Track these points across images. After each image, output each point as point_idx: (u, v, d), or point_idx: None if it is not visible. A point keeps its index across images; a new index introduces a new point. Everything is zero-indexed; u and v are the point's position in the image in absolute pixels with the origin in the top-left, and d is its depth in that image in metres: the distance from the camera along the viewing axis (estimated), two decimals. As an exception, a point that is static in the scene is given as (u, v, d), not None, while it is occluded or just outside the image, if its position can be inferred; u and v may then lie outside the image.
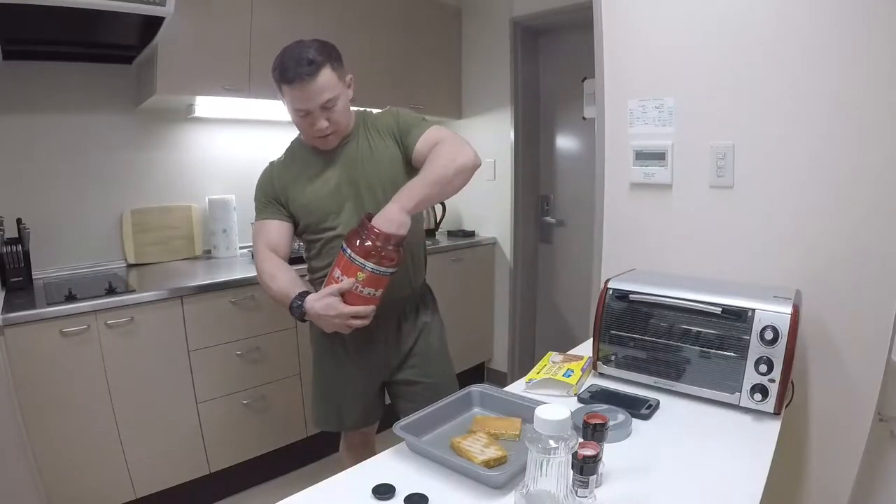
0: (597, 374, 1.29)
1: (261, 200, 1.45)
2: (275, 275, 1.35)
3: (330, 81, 1.28)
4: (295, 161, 1.45)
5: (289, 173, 1.43)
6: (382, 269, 1.22)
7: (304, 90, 1.26)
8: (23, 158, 2.07)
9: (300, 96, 1.27)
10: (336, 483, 0.89)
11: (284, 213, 1.42)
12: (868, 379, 1.26)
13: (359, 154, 1.40)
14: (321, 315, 1.25)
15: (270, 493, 2.14)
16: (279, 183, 1.43)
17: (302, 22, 2.36)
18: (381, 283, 1.24)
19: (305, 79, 1.24)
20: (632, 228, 1.64)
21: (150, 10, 1.72)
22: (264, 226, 1.43)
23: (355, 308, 1.24)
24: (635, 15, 1.55)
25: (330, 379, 1.51)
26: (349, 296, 1.23)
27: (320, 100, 1.28)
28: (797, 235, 1.33)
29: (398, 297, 1.42)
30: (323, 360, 1.52)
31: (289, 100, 1.30)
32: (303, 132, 1.39)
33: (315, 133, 1.34)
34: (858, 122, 1.22)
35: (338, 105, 1.32)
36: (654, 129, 1.54)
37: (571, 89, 2.99)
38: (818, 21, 1.25)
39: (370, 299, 1.25)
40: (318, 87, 1.26)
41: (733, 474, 0.88)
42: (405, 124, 1.42)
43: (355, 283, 1.21)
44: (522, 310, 3.26)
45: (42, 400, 1.67)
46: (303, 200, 1.40)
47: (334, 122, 1.33)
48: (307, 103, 1.28)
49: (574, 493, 0.69)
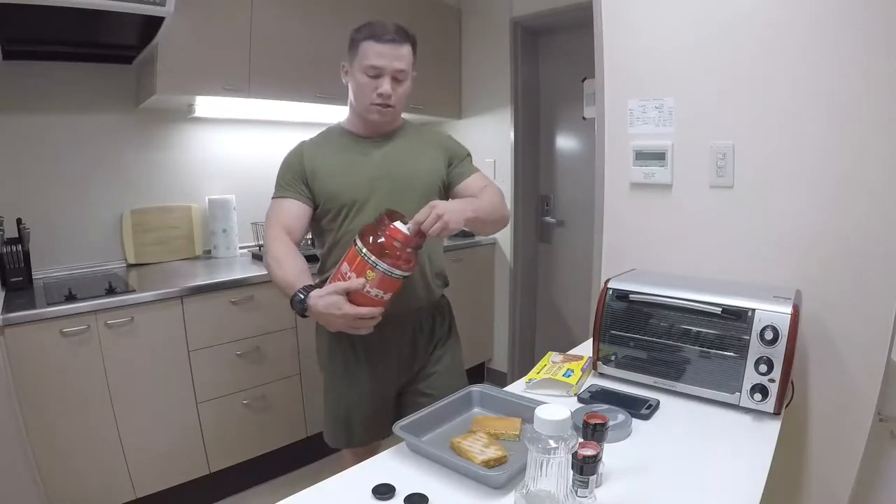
0: (597, 374, 1.29)
1: (284, 177, 1.37)
2: (281, 260, 1.27)
3: (409, 57, 1.33)
4: (330, 143, 1.40)
5: (321, 154, 1.38)
6: (397, 271, 1.14)
7: (390, 48, 1.28)
8: (23, 158, 2.07)
9: (385, 52, 1.28)
10: (336, 483, 0.89)
11: (307, 194, 1.35)
12: (868, 379, 1.26)
13: (404, 151, 1.39)
14: (324, 313, 1.16)
15: (270, 493, 2.14)
16: (309, 162, 1.36)
17: (302, 22, 2.36)
18: (391, 286, 1.16)
19: (396, 38, 1.29)
20: (632, 228, 1.64)
21: (150, 10, 1.72)
22: (282, 204, 1.35)
23: (361, 309, 1.14)
24: (635, 15, 1.55)
25: (341, 395, 1.43)
26: (356, 295, 1.15)
27: (398, 65, 1.30)
28: (797, 235, 1.33)
29: (415, 308, 1.38)
30: (335, 375, 1.44)
31: (368, 56, 1.29)
32: (363, 96, 1.32)
33: (377, 98, 1.30)
34: (858, 122, 1.22)
35: (405, 84, 1.34)
36: (654, 129, 1.54)
37: (571, 89, 2.99)
38: (818, 21, 1.25)
39: (378, 301, 1.16)
40: (402, 53, 1.30)
41: (733, 474, 0.88)
42: (459, 150, 1.47)
43: (364, 283, 1.13)
44: (522, 310, 3.26)
45: (42, 400, 1.67)
46: (330, 185, 1.33)
47: (397, 96, 1.32)
48: (387, 62, 1.28)
49: (574, 493, 0.69)
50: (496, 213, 1.36)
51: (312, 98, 2.42)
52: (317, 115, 2.63)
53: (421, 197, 1.30)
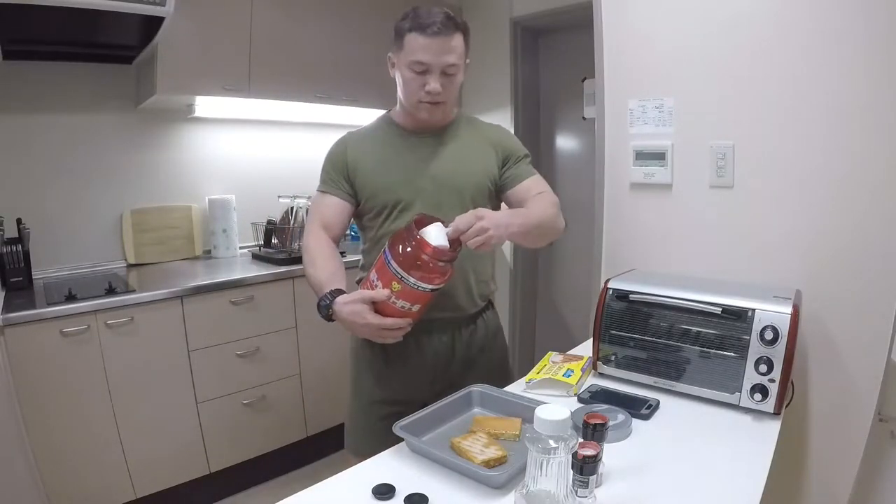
0: (597, 374, 1.29)
1: (327, 171, 1.31)
2: (315, 259, 1.22)
3: (460, 48, 1.20)
4: (376, 137, 1.32)
5: (365, 146, 1.30)
6: (424, 284, 1.04)
7: (437, 41, 1.15)
8: (23, 158, 2.07)
9: (431, 46, 1.15)
10: (336, 483, 0.89)
11: (348, 191, 1.29)
12: (868, 379, 1.26)
13: (455, 150, 1.29)
14: (347, 320, 1.11)
15: (270, 493, 2.14)
16: (352, 155, 1.28)
17: (302, 22, 2.36)
18: (421, 299, 1.07)
19: (443, 30, 1.15)
20: (632, 228, 1.64)
21: (150, 10, 1.73)
22: (323, 200, 1.30)
23: (386, 320, 1.07)
24: (635, 15, 1.55)
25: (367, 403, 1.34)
26: (382, 305, 1.07)
27: (446, 59, 1.17)
28: (797, 235, 1.33)
29: (456, 316, 1.30)
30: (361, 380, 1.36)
31: (413, 50, 1.16)
32: (411, 94, 1.22)
33: (425, 96, 1.19)
34: (858, 121, 1.22)
35: (457, 77, 1.22)
36: (654, 129, 1.54)
37: (571, 89, 2.99)
38: (818, 21, 1.25)
39: (406, 313, 1.08)
40: (451, 45, 1.17)
41: (733, 474, 0.88)
42: (516, 148, 1.35)
43: (390, 294, 1.05)
44: (522, 310, 3.26)
45: (42, 400, 1.67)
46: (374, 181, 1.26)
47: (448, 91, 1.21)
48: (434, 56, 1.16)
49: (574, 493, 0.69)
50: (547, 225, 1.23)
51: (312, 98, 2.42)
52: (317, 115, 2.64)
53: (468, 200, 1.24)
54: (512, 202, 1.32)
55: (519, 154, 1.35)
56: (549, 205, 1.26)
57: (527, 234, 1.18)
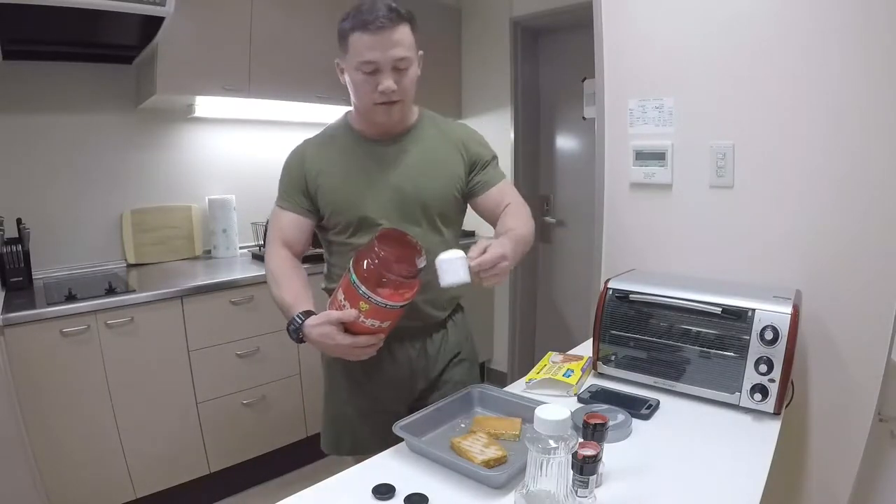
0: (597, 374, 1.29)
1: (284, 185, 1.26)
2: (279, 280, 1.19)
3: (408, 39, 1.12)
4: (335, 146, 1.24)
5: (323, 157, 1.23)
6: (391, 303, 1.00)
7: (380, 37, 1.08)
8: (23, 158, 2.07)
9: (377, 43, 1.08)
10: (336, 483, 0.89)
11: (307, 207, 1.23)
12: (868, 379, 1.26)
13: (419, 157, 1.22)
14: (317, 342, 1.08)
15: (270, 493, 2.14)
16: (311, 169, 1.21)
17: (302, 22, 2.36)
18: (389, 316, 1.03)
19: (385, 24, 1.07)
20: (632, 228, 1.64)
21: (150, 10, 1.73)
22: (281, 217, 1.25)
23: (358, 339, 1.04)
24: (635, 15, 1.55)
25: (343, 405, 1.32)
26: (352, 325, 1.04)
27: (394, 54, 1.09)
28: (797, 235, 1.33)
29: (427, 323, 1.26)
30: (336, 383, 1.33)
31: (359, 51, 1.09)
32: (363, 96, 1.15)
33: (379, 96, 1.12)
34: (858, 121, 1.22)
35: (410, 71, 1.14)
36: (654, 129, 1.54)
37: (571, 89, 2.99)
38: (818, 21, 1.25)
39: (376, 330, 1.04)
40: (396, 38, 1.09)
41: (733, 474, 0.88)
42: (484, 152, 1.28)
43: (358, 315, 1.01)
44: (522, 310, 3.26)
45: (42, 400, 1.67)
46: (334, 194, 1.20)
47: (403, 88, 1.13)
48: (381, 53, 1.08)
49: (574, 493, 0.69)
50: (531, 241, 1.18)
51: (312, 98, 2.42)
52: (317, 115, 2.63)
53: (434, 213, 1.20)
54: (481, 209, 1.29)
55: (486, 157, 1.29)
56: (528, 217, 1.22)
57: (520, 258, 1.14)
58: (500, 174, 1.30)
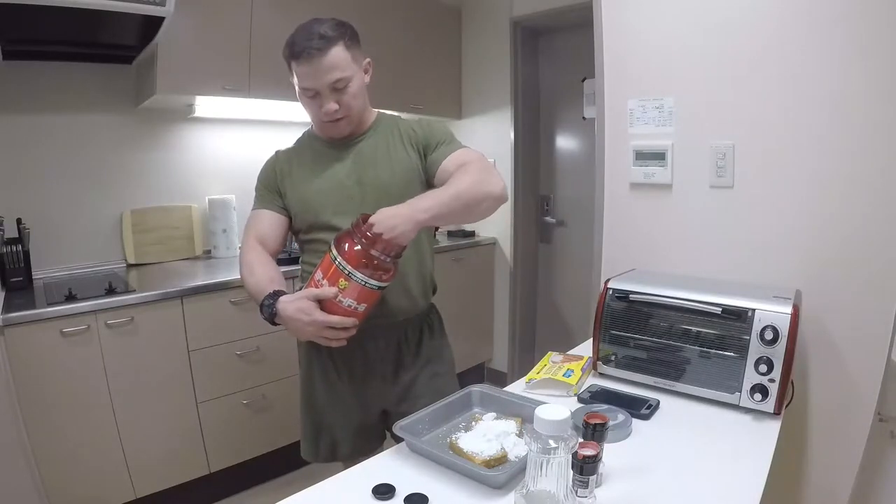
0: (597, 374, 1.29)
1: (259, 189, 1.35)
2: (254, 268, 1.22)
3: (342, 60, 1.17)
4: (303, 152, 1.34)
5: (293, 163, 1.32)
6: (372, 281, 1.05)
7: (311, 66, 1.14)
8: (23, 158, 2.07)
9: (308, 72, 1.16)
10: (336, 483, 0.89)
11: (280, 203, 1.31)
12: (868, 379, 1.26)
13: (374, 153, 1.27)
14: (292, 318, 1.08)
15: (270, 493, 2.15)
16: (280, 172, 1.31)
17: (301, 22, 2.36)
18: (368, 298, 1.07)
19: (314, 53, 1.13)
20: (632, 228, 1.64)
21: (150, 10, 1.72)
22: (257, 216, 1.32)
23: (331, 317, 1.06)
24: (635, 15, 1.55)
25: (321, 410, 1.34)
26: (328, 304, 1.07)
27: (329, 78, 1.16)
28: (797, 235, 1.33)
29: (400, 319, 1.29)
30: (313, 388, 1.35)
31: (298, 77, 1.19)
32: (311, 116, 1.26)
33: (323, 117, 1.21)
34: (859, 121, 1.22)
35: (350, 87, 1.19)
36: (654, 129, 1.54)
37: (571, 89, 2.99)
38: (818, 21, 1.25)
39: (352, 312, 1.07)
40: (327, 64, 1.15)
41: (733, 474, 0.88)
42: (432, 136, 1.29)
43: (337, 292, 1.05)
44: (522, 310, 3.26)
45: (42, 400, 1.67)
46: (301, 193, 1.28)
47: (345, 105, 1.20)
48: (315, 81, 1.16)
49: (574, 493, 0.69)
50: (469, 194, 1.12)
51: (312, 98, 2.42)
52: (317, 115, 2.64)
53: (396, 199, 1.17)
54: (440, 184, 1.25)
55: (437, 138, 1.29)
56: (473, 172, 1.16)
57: (452, 210, 1.11)
58: (450, 150, 1.26)
